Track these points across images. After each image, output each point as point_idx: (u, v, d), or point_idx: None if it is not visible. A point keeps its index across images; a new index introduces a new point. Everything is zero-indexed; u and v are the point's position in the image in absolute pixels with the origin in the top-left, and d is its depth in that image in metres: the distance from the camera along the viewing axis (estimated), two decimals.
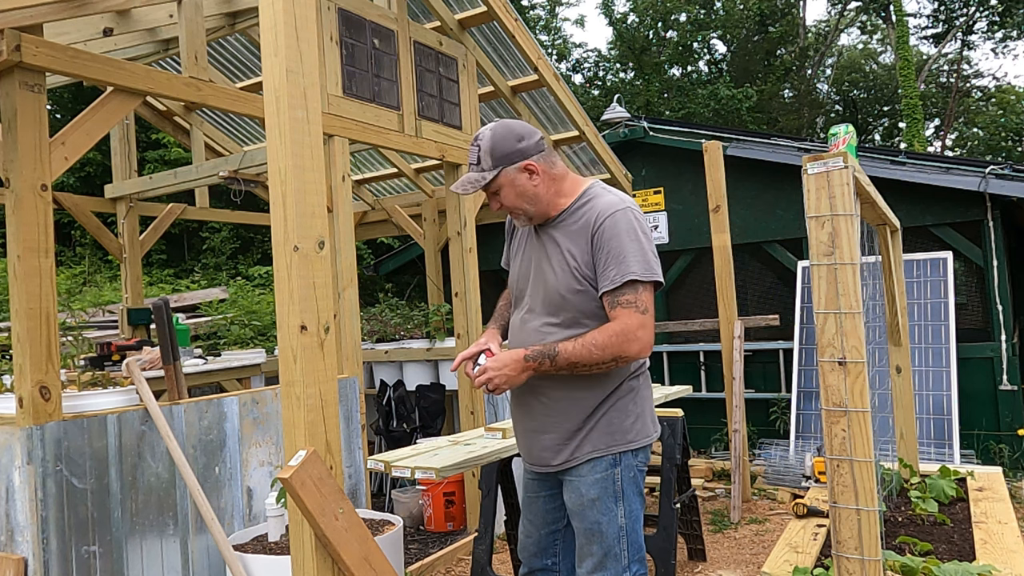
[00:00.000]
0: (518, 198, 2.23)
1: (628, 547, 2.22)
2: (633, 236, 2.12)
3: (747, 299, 7.25)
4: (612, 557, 2.20)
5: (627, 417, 2.22)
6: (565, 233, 2.23)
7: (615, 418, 2.21)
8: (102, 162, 10.71)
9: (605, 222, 2.14)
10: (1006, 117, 21.61)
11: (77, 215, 5.57)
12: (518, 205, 2.24)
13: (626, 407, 2.23)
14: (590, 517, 2.22)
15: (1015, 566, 2.38)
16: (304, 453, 2.07)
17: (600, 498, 2.20)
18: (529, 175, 2.21)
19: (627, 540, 2.22)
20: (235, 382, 4.95)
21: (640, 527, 2.26)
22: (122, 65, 3.19)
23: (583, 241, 2.18)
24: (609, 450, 2.20)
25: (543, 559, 2.45)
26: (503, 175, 2.20)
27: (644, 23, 21.06)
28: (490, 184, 2.22)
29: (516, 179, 2.21)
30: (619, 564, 2.21)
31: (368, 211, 7.65)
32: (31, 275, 2.78)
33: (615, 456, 2.21)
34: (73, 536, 2.84)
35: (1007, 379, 6.00)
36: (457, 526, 4.95)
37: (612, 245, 2.11)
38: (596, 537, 2.21)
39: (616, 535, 2.20)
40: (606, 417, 2.20)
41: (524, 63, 5.43)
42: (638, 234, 2.14)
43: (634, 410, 2.24)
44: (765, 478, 5.90)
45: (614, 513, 2.21)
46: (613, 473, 2.21)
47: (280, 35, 2.10)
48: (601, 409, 2.21)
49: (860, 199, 2.16)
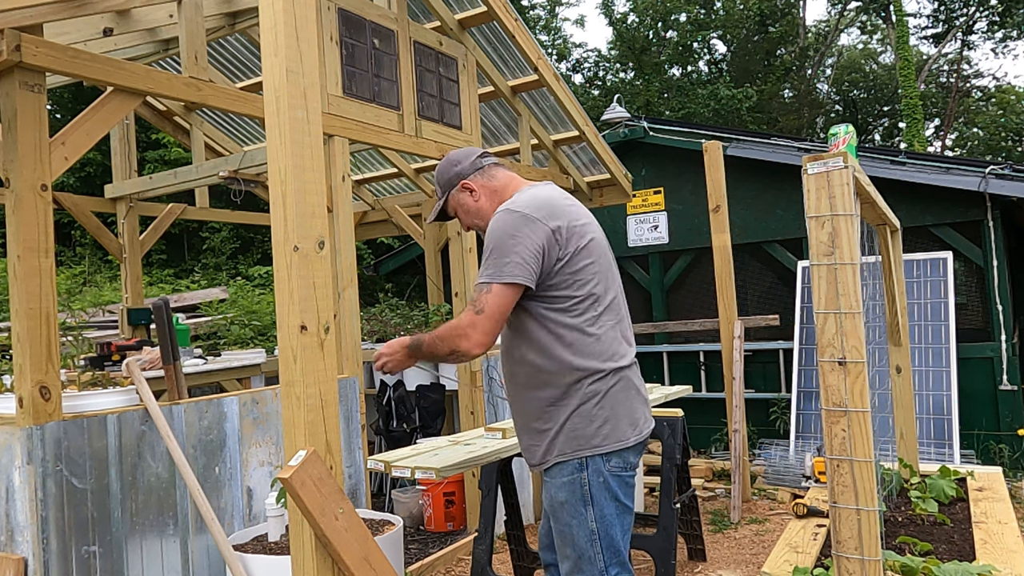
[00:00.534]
0: (467, 216, 2.43)
1: (603, 550, 2.22)
2: (496, 238, 2.17)
3: (747, 299, 7.25)
4: (586, 560, 2.22)
5: (592, 422, 2.21)
6: None
7: (579, 423, 2.21)
8: (102, 162, 10.72)
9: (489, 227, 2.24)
10: (1006, 117, 21.61)
11: (77, 215, 5.57)
12: (471, 222, 2.45)
13: (590, 411, 2.21)
14: (561, 519, 2.25)
15: (1015, 566, 2.38)
16: (304, 453, 2.07)
17: (568, 501, 2.22)
18: (469, 193, 2.41)
19: (600, 544, 2.22)
20: (235, 382, 4.95)
21: (617, 532, 2.24)
22: (122, 65, 3.19)
23: None
24: (575, 454, 2.21)
25: (552, 553, 2.51)
26: (451, 199, 2.44)
27: (644, 23, 21.06)
28: (444, 210, 2.47)
29: (461, 199, 2.42)
30: (594, 567, 2.22)
31: (368, 211, 7.65)
32: (31, 275, 2.78)
33: (581, 460, 2.21)
34: (73, 536, 2.84)
35: (1007, 379, 6.00)
36: (457, 526, 4.95)
37: (485, 249, 2.22)
38: (568, 540, 2.24)
39: (587, 538, 2.21)
40: (571, 421, 2.21)
41: (524, 63, 5.43)
42: (496, 235, 2.18)
43: (601, 414, 2.21)
44: (765, 478, 5.90)
45: (583, 516, 2.21)
46: (580, 477, 2.21)
47: (280, 35, 2.10)
48: (565, 413, 2.22)
49: (860, 199, 2.16)
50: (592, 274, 2.24)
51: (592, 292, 2.23)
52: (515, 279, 2.12)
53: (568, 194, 2.39)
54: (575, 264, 2.20)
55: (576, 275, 2.21)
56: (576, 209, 2.31)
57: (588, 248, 2.24)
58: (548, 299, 2.20)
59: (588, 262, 2.23)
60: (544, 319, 2.21)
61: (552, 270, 2.18)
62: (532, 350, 2.24)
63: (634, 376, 2.32)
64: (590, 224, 2.32)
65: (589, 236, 2.27)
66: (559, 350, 2.20)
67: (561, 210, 2.23)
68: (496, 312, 2.13)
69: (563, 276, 2.19)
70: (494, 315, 2.13)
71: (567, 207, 2.27)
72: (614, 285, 2.34)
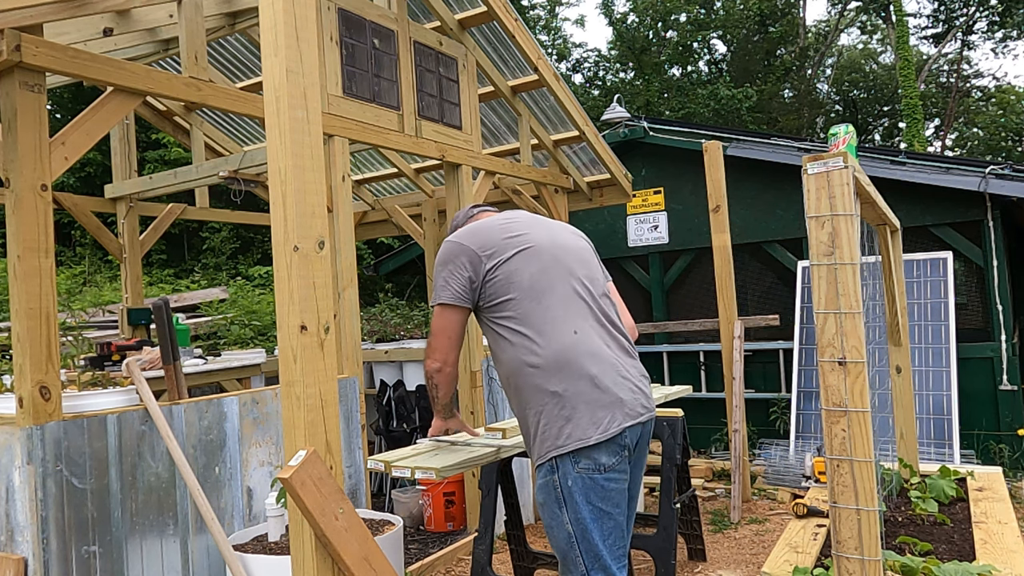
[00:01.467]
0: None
1: (583, 554, 2.24)
2: (435, 268, 2.48)
3: (747, 299, 7.25)
4: (570, 561, 2.27)
5: (555, 422, 2.26)
6: None
7: (546, 425, 2.28)
8: (102, 162, 10.71)
9: None
10: (1006, 117, 21.61)
11: (77, 215, 5.56)
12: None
13: (554, 413, 2.26)
14: (545, 521, 2.34)
15: (1015, 566, 2.39)
16: (304, 453, 2.07)
17: (545, 503, 2.30)
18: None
19: (579, 547, 2.25)
20: (235, 382, 4.95)
21: (594, 535, 2.25)
22: (122, 65, 3.18)
23: None
24: (546, 456, 2.27)
25: None
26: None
27: (644, 23, 21.07)
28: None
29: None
30: (577, 569, 2.26)
31: (368, 211, 7.64)
32: (31, 275, 2.78)
33: (551, 463, 2.27)
34: (73, 536, 2.84)
35: (1007, 379, 6.00)
36: (457, 526, 4.95)
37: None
38: (552, 541, 2.33)
39: (566, 540, 2.26)
40: (540, 424, 2.30)
41: (524, 63, 5.43)
42: (436, 264, 2.46)
43: (563, 414, 2.25)
44: (765, 478, 5.90)
45: (560, 518, 2.26)
46: (552, 479, 2.27)
47: (280, 35, 2.10)
48: (535, 417, 2.31)
49: (860, 199, 2.16)
50: (526, 275, 2.35)
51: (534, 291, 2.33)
52: (440, 300, 2.41)
53: (517, 215, 2.56)
54: (506, 271, 2.35)
55: (510, 279, 2.34)
56: (515, 225, 2.48)
57: (522, 255, 2.38)
58: (494, 307, 2.38)
59: (520, 265, 2.36)
60: (496, 327, 2.40)
61: (483, 282, 2.37)
62: (501, 358, 2.42)
63: (602, 373, 2.29)
64: (531, 234, 2.45)
65: (524, 244, 2.41)
66: (510, 353, 2.35)
67: (491, 229, 2.45)
68: (438, 330, 2.42)
69: (498, 284, 2.35)
70: (437, 333, 2.42)
71: (502, 225, 2.47)
72: (568, 281, 2.39)
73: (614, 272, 7.90)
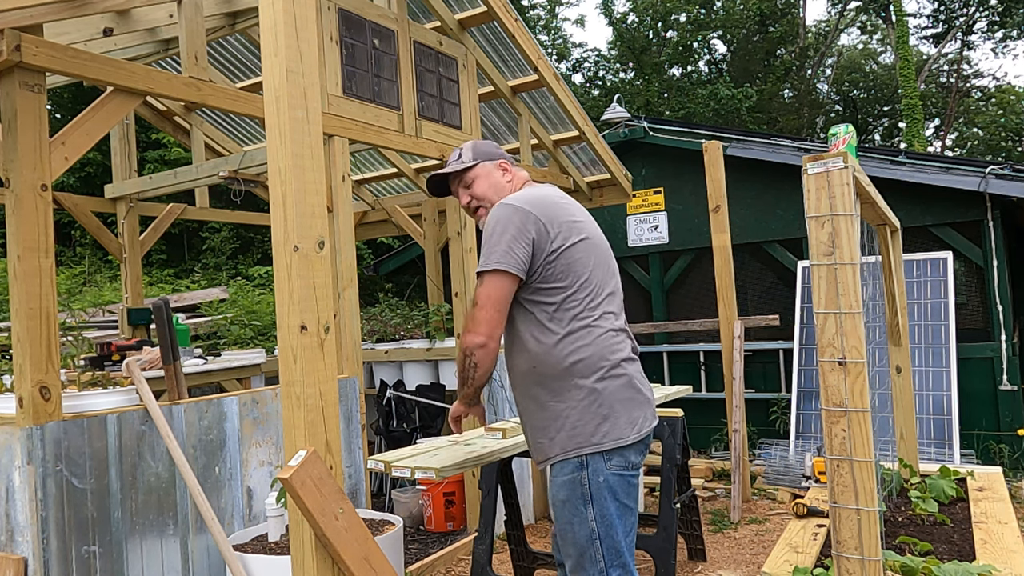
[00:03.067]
0: (489, 189, 2.44)
1: (604, 551, 2.22)
2: (490, 231, 2.24)
3: (747, 299, 7.25)
4: (588, 559, 2.22)
5: (592, 419, 2.21)
6: None
7: (578, 421, 2.22)
8: (102, 162, 10.72)
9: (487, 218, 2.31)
10: (1006, 117, 21.60)
11: (77, 215, 5.56)
12: (487, 196, 2.43)
13: (589, 409, 2.22)
14: (562, 518, 2.26)
15: (1015, 566, 2.39)
16: (304, 453, 2.07)
17: (568, 500, 2.23)
18: (503, 172, 2.48)
19: (601, 544, 2.22)
20: (235, 382, 4.95)
21: (618, 532, 2.24)
22: (122, 65, 3.18)
23: None
24: (574, 452, 2.22)
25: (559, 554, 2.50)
26: (480, 167, 2.46)
27: (644, 23, 21.07)
28: (467, 171, 2.46)
29: (492, 172, 2.47)
30: (595, 567, 2.22)
31: (368, 211, 7.64)
32: (31, 275, 2.78)
33: (581, 459, 2.22)
34: (73, 536, 2.84)
35: (1007, 379, 5.99)
36: (457, 526, 4.95)
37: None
38: (569, 538, 2.25)
39: (587, 537, 2.22)
40: (570, 420, 2.22)
41: (524, 63, 5.43)
42: (491, 227, 2.24)
43: (600, 412, 2.22)
44: (765, 478, 5.90)
45: (583, 515, 2.22)
46: (580, 476, 2.21)
47: (280, 35, 2.10)
48: (565, 412, 2.23)
49: (860, 199, 2.16)
50: (587, 267, 2.26)
51: (588, 285, 2.26)
52: (501, 266, 2.17)
53: (566, 195, 2.45)
54: (569, 257, 2.24)
55: (571, 267, 2.24)
56: (572, 207, 2.38)
57: (584, 244, 2.29)
58: (544, 291, 2.24)
59: (583, 255, 2.26)
60: (537, 312, 2.25)
61: (545, 261, 2.22)
62: (529, 345, 2.27)
63: (635, 374, 2.32)
64: (586, 223, 2.37)
65: (584, 234, 2.31)
66: (547, 342, 2.23)
67: (556, 205, 2.30)
68: (487, 301, 2.20)
69: (558, 268, 2.23)
70: (486, 304, 2.20)
71: (563, 204, 2.34)
72: (612, 281, 2.37)
73: None
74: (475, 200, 2.46)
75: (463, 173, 2.48)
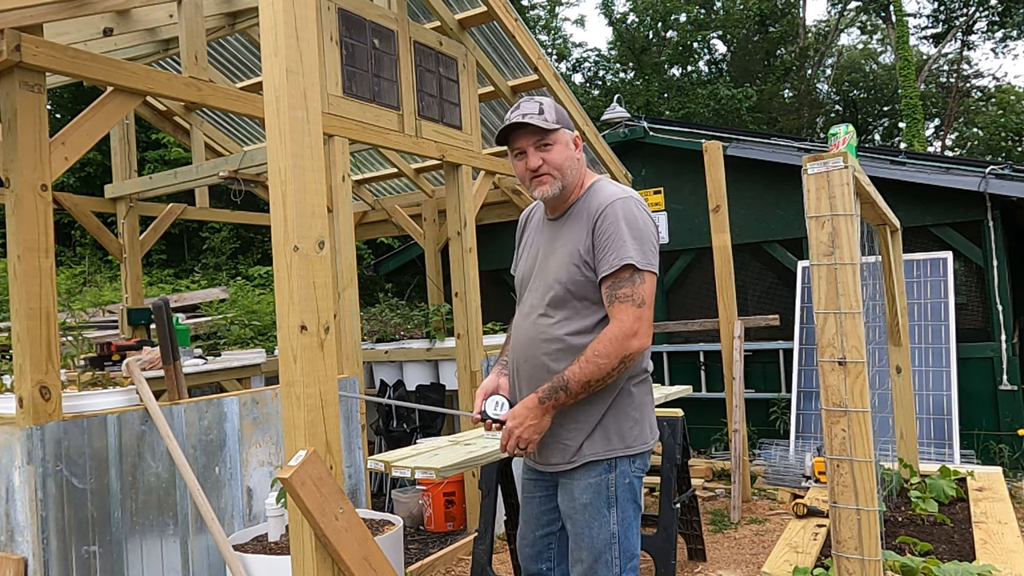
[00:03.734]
0: (565, 160, 2.26)
1: (620, 555, 2.19)
2: (632, 223, 2.14)
3: (747, 299, 7.25)
4: (603, 564, 2.18)
5: (626, 422, 2.20)
6: (570, 224, 2.26)
7: (614, 423, 2.19)
8: (102, 162, 10.72)
9: (606, 210, 2.17)
10: (1006, 117, 21.60)
11: (77, 215, 5.57)
12: (559, 166, 2.24)
13: (626, 412, 2.20)
14: (581, 521, 2.20)
15: (1015, 566, 2.39)
16: (304, 453, 2.07)
17: (592, 503, 2.18)
18: (575, 147, 2.31)
19: (619, 547, 2.19)
20: (235, 382, 4.95)
21: (633, 535, 2.22)
22: (122, 65, 3.18)
23: (585, 230, 2.20)
24: (606, 455, 2.18)
25: (538, 563, 2.42)
26: (562, 133, 2.26)
27: (644, 23, 21.07)
28: (550, 134, 2.23)
29: (569, 143, 2.28)
30: (610, 571, 2.18)
31: (368, 211, 7.64)
32: (31, 275, 2.78)
33: (611, 462, 2.19)
34: (73, 536, 2.84)
35: (1007, 379, 5.99)
36: (457, 526, 4.95)
37: (611, 232, 2.13)
38: (586, 542, 2.19)
39: (607, 541, 2.18)
40: (604, 421, 2.18)
41: (524, 63, 5.43)
42: (638, 222, 2.15)
43: (633, 415, 2.21)
44: (765, 478, 5.90)
45: (606, 519, 2.18)
46: (608, 478, 2.18)
47: (280, 35, 2.10)
48: (603, 413, 2.18)
49: (860, 199, 2.16)
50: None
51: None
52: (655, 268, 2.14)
53: None
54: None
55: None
56: None
57: None
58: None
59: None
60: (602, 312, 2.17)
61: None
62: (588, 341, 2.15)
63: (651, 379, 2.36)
64: None
65: None
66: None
67: None
68: (651, 300, 2.13)
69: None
70: (650, 303, 2.13)
71: None
72: None
73: None
74: (547, 166, 2.24)
75: (547, 133, 2.23)
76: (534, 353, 2.24)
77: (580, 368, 2.08)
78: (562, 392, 2.10)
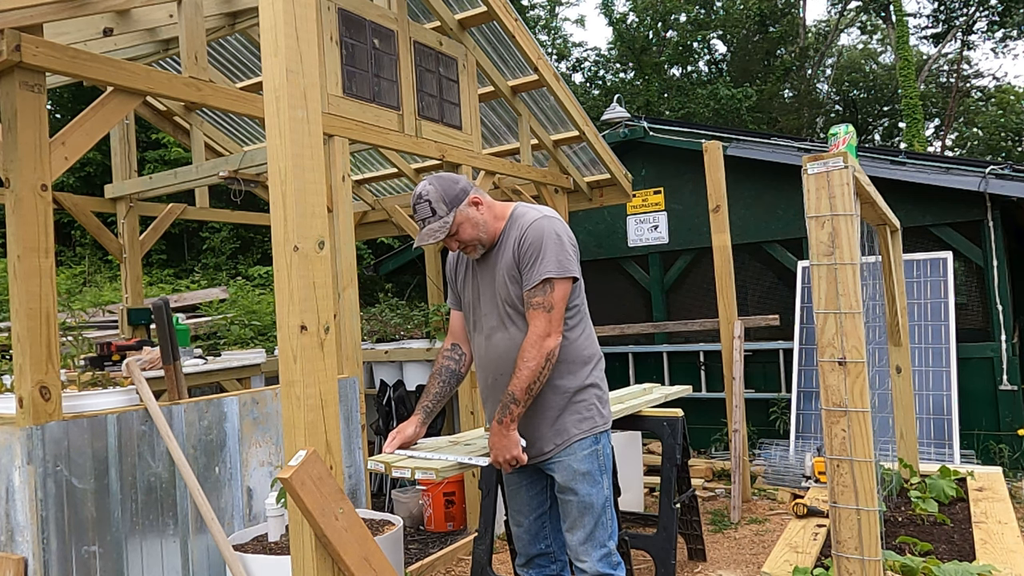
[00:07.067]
0: (474, 229, 2.52)
1: (611, 517, 2.58)
2: (549, 239, 2.43)
3: (747, 299, 7.25)
4: (600, 526, 2.54)
5: (598, 402, 2.58)
6: (501, 253, 2.54)
7: (597, 402, 2.58)
8: (102, 162, 10.71)
9: (527, 232, 2.46)
10: (1006, 117, 21.59)
11: (77, 215, 5.56)
12: (475, 236, 2.53)
13: (601, 396, 2.60)
14: (582, 490, 2.52)
15: (1015, 566, 2.39)
16: (304, 453, 2.07)
17: (590, 471, 2.53)
18: (476, 207, 2.54)
19: (609, 511, 2.57)
20: (235, 382, 4.95)
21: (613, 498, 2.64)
22: (122, 65, 3.18)
23: (512, 252, 2.49)
24: (591, 431, 2.54)
25: (538, 544, 2.73)
26: (459, 214, 2.50)
27: (644, 23, 21.07)
28: (450, 226, 2.49)
29: (470, 214, 2.51)
30: (604, 532, 2.55)
31: (368, 211, 7.64)
32: (31, 275, 2.78)
33: (596, 436, 2.56)
34: (73, 536, 2.84)
35: (1007, 379, 5.99)
36: (457, 526, 4.95)
37: (531, 252, 2.43)
38: (588, 508, 2.52)
39: (602, 506, 2.54)
40: (578, 405, 2.53)
41: (524, 63, 5.43)
42: (553, 237, 2.44)
43: (603, 397, 2.62)
44: (765, 478, 5.90)
45: (600, 485, 2.55)
46: (597, 449, 2.55)
47: (280, 35, 2.10)
48: (575, 398, 2.53)
49: (860, 199, 2.16)
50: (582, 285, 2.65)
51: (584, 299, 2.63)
52: (575, 273, 2.46)
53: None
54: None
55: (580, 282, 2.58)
56: None
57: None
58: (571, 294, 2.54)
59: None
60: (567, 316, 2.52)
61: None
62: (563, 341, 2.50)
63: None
64: None
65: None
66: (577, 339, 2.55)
67: None
68: (561, 304, 2.44)
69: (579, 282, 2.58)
70: (560, 307, 2.43)
71: None
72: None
73: (614, 272, 7.92)
74: (463, 244, 2.55)
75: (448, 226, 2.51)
76: (508, 368, 2.49)
77: (517, 379, 2.39)
78: (512, 405, 2.39)
